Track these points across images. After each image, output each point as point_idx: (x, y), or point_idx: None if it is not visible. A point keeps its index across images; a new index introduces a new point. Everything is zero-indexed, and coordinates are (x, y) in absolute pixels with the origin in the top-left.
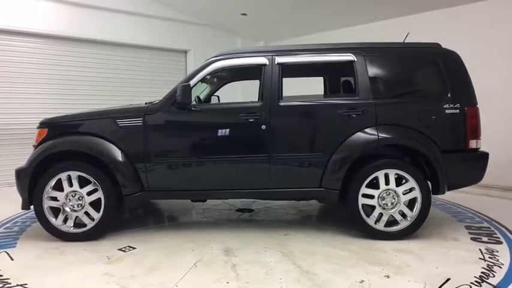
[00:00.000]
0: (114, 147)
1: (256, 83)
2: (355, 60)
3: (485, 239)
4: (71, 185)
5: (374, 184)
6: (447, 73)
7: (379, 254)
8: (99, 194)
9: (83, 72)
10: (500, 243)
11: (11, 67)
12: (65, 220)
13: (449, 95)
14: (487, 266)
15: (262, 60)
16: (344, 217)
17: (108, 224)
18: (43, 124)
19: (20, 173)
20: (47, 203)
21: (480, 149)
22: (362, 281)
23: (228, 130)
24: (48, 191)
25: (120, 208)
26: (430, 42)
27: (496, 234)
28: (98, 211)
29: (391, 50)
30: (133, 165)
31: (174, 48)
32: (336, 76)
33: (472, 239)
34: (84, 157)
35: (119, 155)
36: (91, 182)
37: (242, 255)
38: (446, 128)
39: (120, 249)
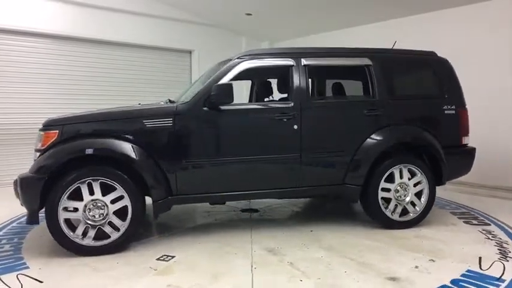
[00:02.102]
0: (141, 150)
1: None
2: (371, 64)
3: (475, 222)
4: (91, 193)
5: (388, 178)
6: (443, 78)
7: (407, 241)
8: (125, 202)
9: (87, 72)
10: (489, 224)
11: (14, 67)
12: (85, 233)
13: (446, 98)
14: (497, 244)
15: (289, 61)
16: (343, 210)
17: (134, 234)
18: (52, 126)
19: (27, 182)
20: (63, 215)
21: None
22: (417, 267)
23: (262, 130)
24: (65, 201)
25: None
26: (426, 50)
27: (480, 217)
28: (123, 220)
29: (400, 56)
30: (162, 169)
31: (178, 48)
32: (352, 78)
33: (465, 222)
34: (103, 161)
35: (147, 159)
36: (114, 189)
37: (290, 254)
38: (445, 126)
39: (159, 259)
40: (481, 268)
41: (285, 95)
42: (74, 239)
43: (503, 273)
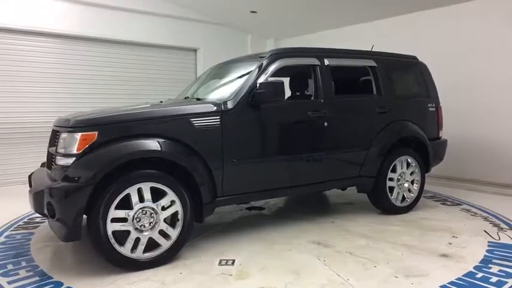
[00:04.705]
0: (191, 151)
1: None
2: (376, 65)
3: (449, 203)
4: (141, 200)
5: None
6: (426, 79)
7: (418, 223)
8: (177, 207)
9: (93, 71)
10: (460, 204)
11: (25, 66)
12: (134, 244)
13: (429, 96)
14: (484, 219)
15: (315, 61)
16: (328, 201)
17: (185, 242)
18: (89, 126)
19: (69, 192)
20: (111, 227)
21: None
22: (450, 243)
23: (300, 127)
24: (113, 210)
25: None
26: (410, 55)
27: (448, 199)
28: (173, 227)
29: (396, 59)
30: (210, 170)
31: (184, 46)
32: (358, 78)
33: (442, 204)
34: (149, 165)
35: (198, 160)
36: (164, 195)
37: (338, 244)
38: (429, 121)
39: (222, 264)
40: (494, 238)
41: (297, 94)
42: (124, 253)
43: None
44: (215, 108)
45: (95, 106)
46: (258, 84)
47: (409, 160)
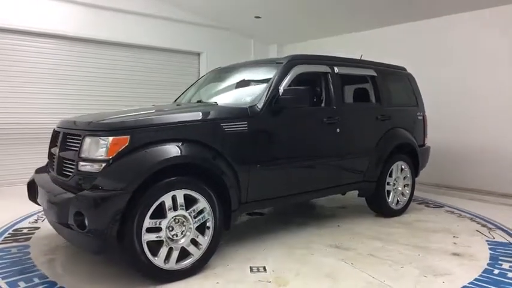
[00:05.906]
0: (220, 156)
1: None
2: (376, 75)
3: (431, 205)
4: (175, 208)
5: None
6: (414, 89)
7: (416, 225)
8: (207, 215)
9: (96, 73)
10: (442, 206)
11: (25, 67)
12: (168, 255)
13: (417, 106)
14: (471, 220)
15: (327, 68)
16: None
17: (215, 250)
18: (120, 130)
19: (104, 200)
20: (146, 237)
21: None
22: (455, 243)
23: (317, 133)
24: (147, 220)
25: None
26: (400, 66)
27: (428, 202)
28: (203, 235)
29: (390, 69)
30: (237, 176)
31: (187, 50)
32: (360, 87)
33: (426, 206)
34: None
35: (229, 166)
36: (195, 202)
37: (356, 247)
38: (418, 129)
39: (253, 272)
40: (489, 237)
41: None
42: (158, 264)
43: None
44: (243, 112)
45: (95, 108)
46: (281, 90)
47: (402, 165)
